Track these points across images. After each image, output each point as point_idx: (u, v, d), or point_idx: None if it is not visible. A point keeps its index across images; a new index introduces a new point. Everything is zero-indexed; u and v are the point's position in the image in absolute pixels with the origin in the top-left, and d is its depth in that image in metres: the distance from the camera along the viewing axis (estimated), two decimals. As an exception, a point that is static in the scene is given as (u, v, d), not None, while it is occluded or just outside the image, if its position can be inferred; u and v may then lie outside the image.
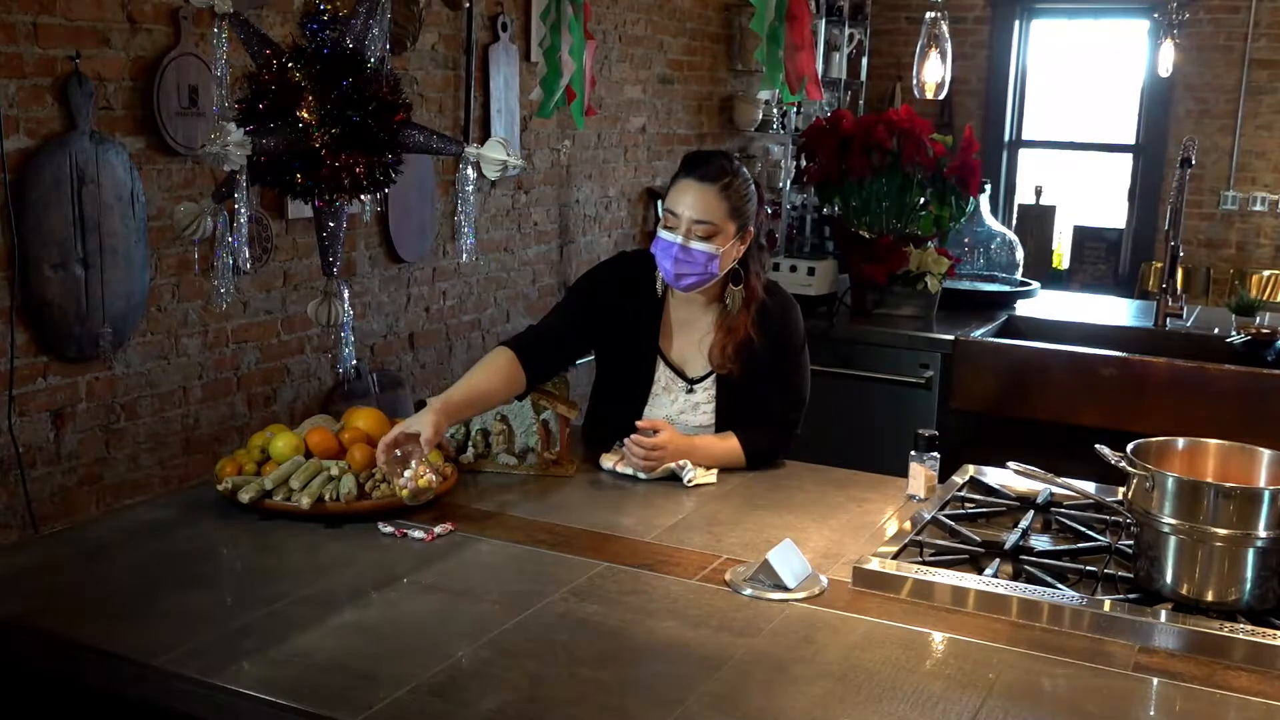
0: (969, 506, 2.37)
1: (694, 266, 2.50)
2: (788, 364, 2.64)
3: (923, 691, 1.64)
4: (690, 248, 2.48)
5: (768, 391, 2.62)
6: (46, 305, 3.04)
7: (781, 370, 2.63)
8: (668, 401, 2.63)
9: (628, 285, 2.65)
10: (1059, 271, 7.72)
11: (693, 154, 2.61)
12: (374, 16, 2.36)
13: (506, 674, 1.65)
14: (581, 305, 2.66)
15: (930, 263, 4.20)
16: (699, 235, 2.47)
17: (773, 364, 2.61)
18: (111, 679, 1.71)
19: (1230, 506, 1.86)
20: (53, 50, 3.04)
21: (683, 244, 2.48)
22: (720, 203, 2.48)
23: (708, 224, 2.47)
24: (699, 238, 2.48)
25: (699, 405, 2.62)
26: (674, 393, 2.63)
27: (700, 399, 2.63)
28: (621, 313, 2.63)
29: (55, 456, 3.15)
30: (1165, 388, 3.67)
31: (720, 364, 2.58)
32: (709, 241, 2.48)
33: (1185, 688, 1.68)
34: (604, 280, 2.69)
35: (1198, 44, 7.20)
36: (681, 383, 2.63)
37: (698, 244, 2.48)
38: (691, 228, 2.47)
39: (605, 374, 2.73)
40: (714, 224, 2.48)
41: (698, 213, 2.47)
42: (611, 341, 2.67)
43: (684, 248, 2.48)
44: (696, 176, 2.50)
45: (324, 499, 2.20)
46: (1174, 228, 4.06)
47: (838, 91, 7.56)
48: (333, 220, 2.43)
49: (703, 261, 2.49)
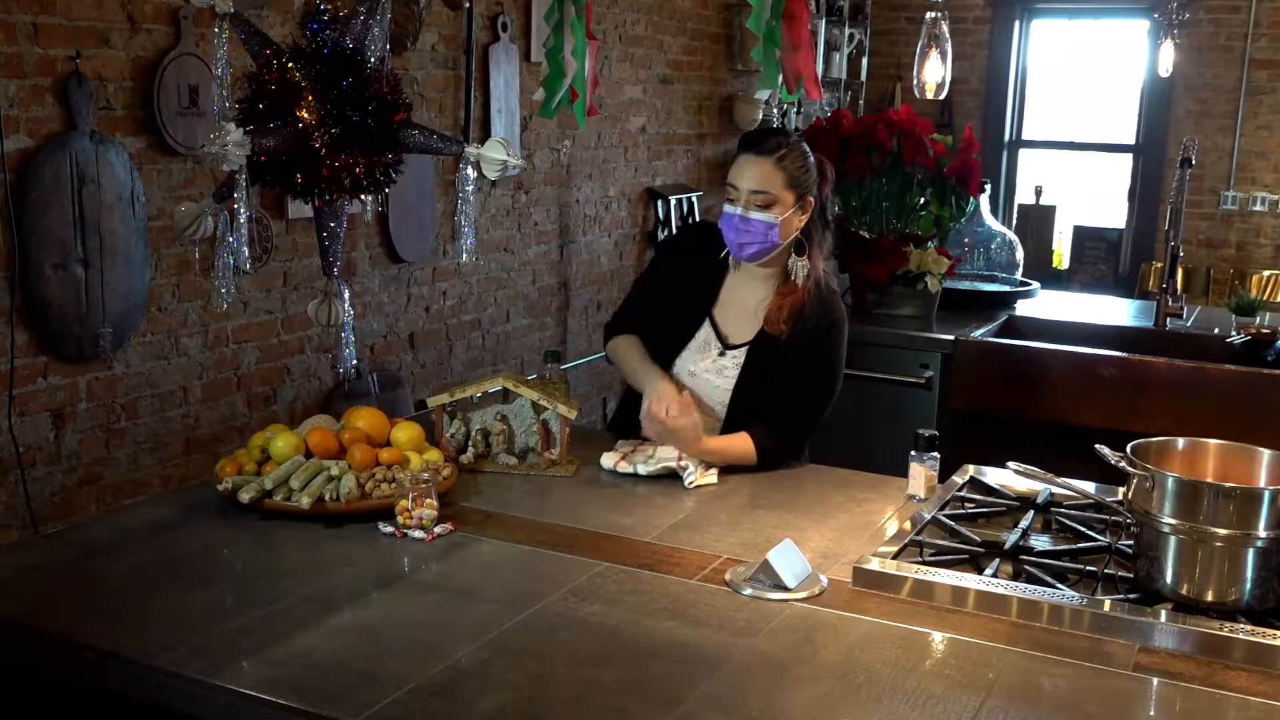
0: (969, 506, 2.37)
1: (754, 236, 2.63)
2: (819, 365, 2.68)
3: (923, 691, 1.64)
4: (750, 217, 2.62)
5: (791, 387, 2.65)
6: (47, 305, 3.04)
7: (811, 368, 2.67)
8: (699, 356, 2.73)
9: (695, 251, 2.81)
10: (1059, 271, 7.72)
11: (750, 131, 2.88)
12: (374, 16, 2.36)
13: (506, 674, 1.66)
14: (656, 274, 2.94)
15: (930, 263, 4.20)
16: (757, 205, 2.62)
17: (806, 354, 2.67)
18: (112, 679, 1.71)
19: (1230, 506, 1.86)
20: (53, 50, 3.04)
21: (742, 214, 2.62)
22: (777, 173, 2.62)
23: (765, 194, 2.61)
24: (757, 207, 2.62)
25: (724, 369, 2.71)
26: (708, 352, 2.73)
27: (728, 364, 2.71)
28: (686, 274, 2.80)
29: (55, 456, 3.15)
30: (1165, 388, 3.67)
31: (774, 324, 2.68)
32: (767, 211, 2.62)
33: (1185, 688, 1.68)
34: (676, 247, 3.00)
35: (1198, 44, 7.20)
36: (718, 345, 2.73)
37: (756, 214, 2.62)
38: (750, 198, 2.62)
39: (653, 324, 2.80)
40: (771, 193, 2.61)
41: (755, 183, 2.62)
42: (672, 296, 2.81)
43: (743, 218, 2.62)
44: (753, 151, 2.65)
45: (324, 499, 2.20)
46: (1174, 228, 4.06)
47: (838, 91, 7.55)
48: (333, 220, 2.43)
49: (762, 230, 2.62)
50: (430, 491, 2.19)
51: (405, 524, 2.16)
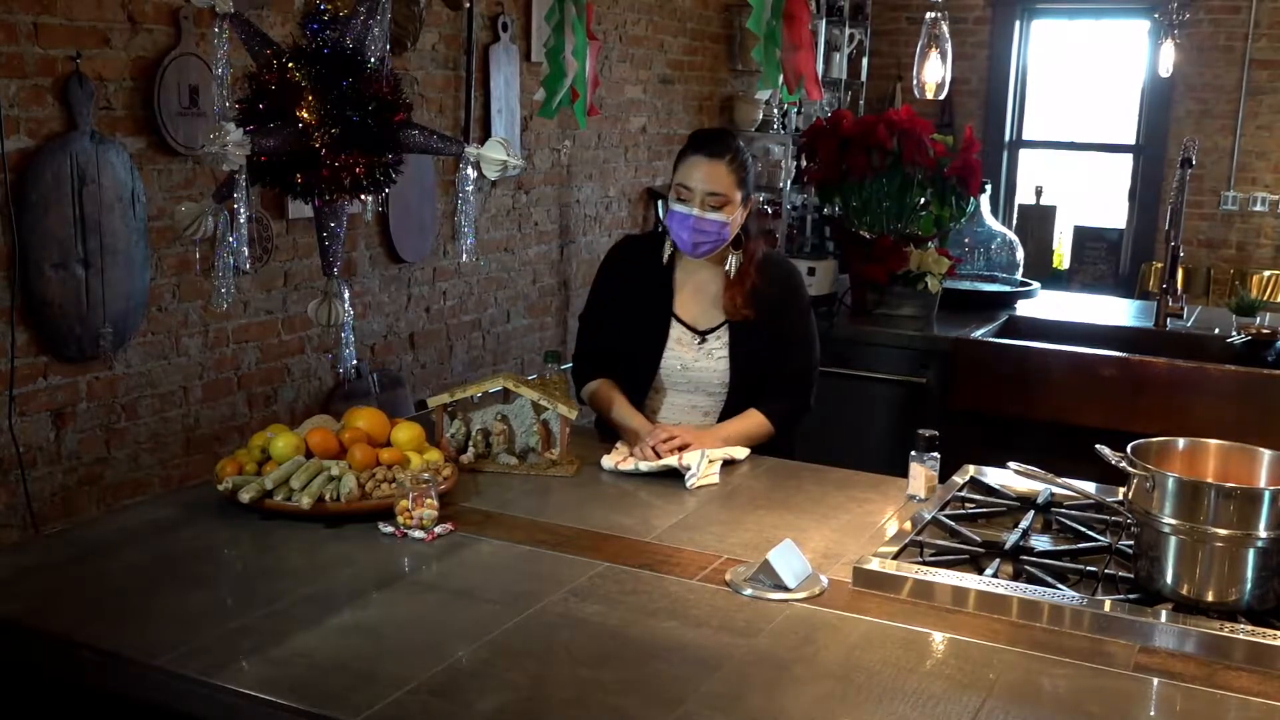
0: (969, 507, 2.37)
1: (708, 235, 2.72)
2: (796, 318, 2.84)
3: (923, 692, 1.64)
4: (705, 218, 2.70)
5: (781, 350, 2.80)
6: (47, 305, 3.04)
7: (791, 323, 2.83)
8: (681, 352, 2.82)
9: (636, 262, 2.90)
10: (1059, 272, 7.72)
11: (699, 132, 2.88)
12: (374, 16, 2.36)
13: (506, 674, 1.66)
14: (604, 302, 2.93)
15: (930, 263, 4.19)
16: (711, 206, 2.70)
17: (784, 314, 2.81)
18: (112, 679, 1.71)
19: (1230, 507, 1.86)
20: (53, 50, 3.04)
21: (698, 215, 2.70)
22: (729, 175, 2.71)
23: (719, 195, 2.69)
24: (712, 208, 2.70)
25: (712, 352, 2.81)
26: (686, 345, 2.82)
27: (713, 346, 2.81)
28: (635, 286, 2.87)
29: (56, 456, 3.15)
30: (1165, 388, 3.67)
31: (733, 312, 2.79)
32: (720, 211, 2.70)
33: (1185, 688, 1.68)
34: (613, 268, 2.95)
35: (1198, 44, 7.20)
36: (692, 335, 2.82)
37: (711, 214, 2.70)
38: (705, 199, 2.69)
39: (620, 335, 2.87)
40: (724, 195, 2.70)
41: (710, 185, 2.69)
42: (625, 308, 2.87)
43: (699, 218, 2.70)
44: (705, 153, 2.72)
45: (324, 499, 2.20)
46: (1174, 228, 4.06)
47: (838, 91, 7.55)
48: (333, 220, 2.43)
49: (716, 230, 2.71)
50: (430, 491, 2.18)
51: (405, 524, 2.16)
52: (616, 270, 2.93)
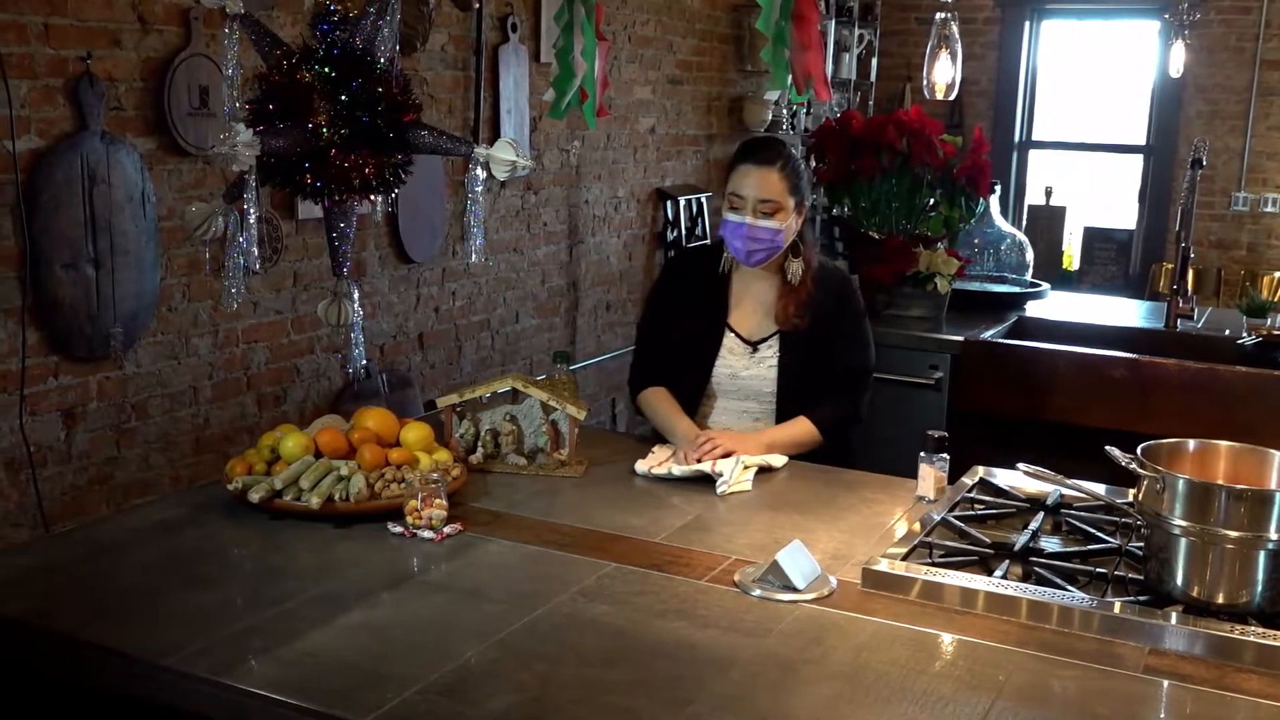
0: (978, 508, 2.37)
1: (762, 243, 2.74)
2: (850, 325, 2.86)
3: (932, 693, 1.64)
4: (758, 225, 2.72)
5: (833, 355, 2.81)
6: (57, 305, 3.05)
7: (845, 331, 2.84)
8: (732, 360, 2.84)
9: (692, 275, 2.93)
10: (1069, 272, 7.70)
11: (749, 140, 2.93)
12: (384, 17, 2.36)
13: (515, 674, 1.66)
14: (660, 315, 2.96)
15: (940, 264, 4.19)
16: (764, 213, 2.72)
17: (836, 323, 2.82)
18: (121, 678, 1.72)
19: (1241, 509, 1.85)
20: (64, 51, 3.05)
21: (751, 223, 2.72)
22: (781, 182, 2.73)
23: (771, 202, 2.72)
24: (764, 215, 2.72)
25: (764, 360, 2.82)
26: (738, 355, 2.84)
27: (764, 355, 2.83)
28: (691, 299, 2.90)
29: (66, 456, 3.15)
30: (1176, 389, 3.66)
31: (785, 321, 2.80)
32: (773, 218, 2.72)
33: (1195, 690, 1.68)
34: (669, 282, 3.01)
35: (1208, 45, 7.18)
36: (744, 346, 2.83)
37: (764, 221, 2.72)
38: (757, 207, 2.72)
39: (675, 346, 2.89)
40: (776, 201, 2.72)
41: (762, 193, 2.72)
42: (684, 322, 2.89)
43: (752, 226, 2.72)
44: (756, 160, 2.75)
45: (333, 499, 2.20)
46: (1185, 229, 4.05)
47: (847, 92, 7.54)
48: (342, 221, 2.43)
49: (769, 237, 2.73)
50: (439, 492, 2.19)
51: (414, 524, 2.16)
52: (673, 284, 2.98)
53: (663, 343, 2.91)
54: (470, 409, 2.58)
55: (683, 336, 2.87)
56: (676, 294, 2.94)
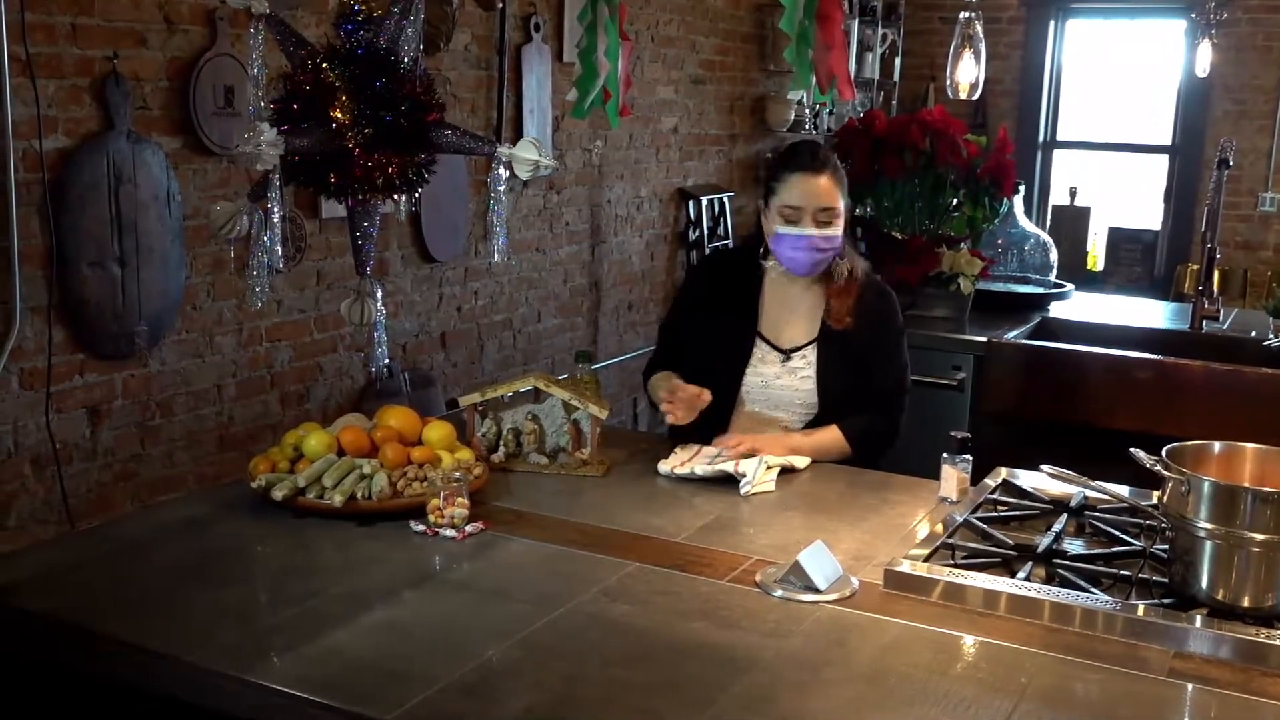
0: (1001, 509, 2.36)
1: (827, 253, 2.70)
2: (893, 341, 2.80)
3: (955, 695, 1.63)
4: (822, 235, 2.66)
5: (870, 371, 2.74)
6: (83, 303, 3.07)
7: (886, 346, 2.79)
8: (763, 369, 2.77)
9: (723, 278, 2.87)
10: (1093, 273, 7.65)
11: (791, 147, 2.81)
12: (407, 17, 2.37)
13: (537, 673, 1.66)
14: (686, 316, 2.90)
15: (963, 264, 4.17)
16: (823, 222, 2.66)
17: (877, 337, 2.76)
18: (145, 674, 1.73)
19: (1267, 511, 1.84)
20: (91, 51, 3.07)
21: (815, 234, 2.66)
22: (834, 187, 2.68)
23: (830, 209, 2.67)
24: (823, 223, 2.66)
25: (797, 371, 2.76)
26: (770, 363, 2.77)
27: (799, 365, 2.76)
28: (721, 302, 2.83)
29: (91, 453, 3.18)
30: (1201, 391, 3.64)
31: (840, 319, 2.73)
32: (832, 225, 2.68)
33: (1220, 694, 1.67)
34: (698, 283, 2.96)
35: (1235, 44, 7.12)
36: (777, 354, 2.77)
37: (826, 230, 2.67)
38: (817, 216, 2.65)
39: (703, 349, 2.83)
40: (835, 208, 2.67)
41: (821, 200, 2.66)
42: (713, 327, 2.83)
43: (816, 237, 2.66)
44: (809, 169, 2.67)
45: (356, 497, 2.21)
46: (1211, 229, 4.02)
47: (871, 92, 7.52)
48: (366, 220, 2.44)
49: (832, 245, 2.69)
50: (462, 490, 2.19)
51: (437, 522, 2.17)
52: (700, 287, 2.92)
53: (684, 344, 2.86)
54: (492, 408, 2.58)
55: (711, 343, 2.81)
56: (704, 298, 2.88)
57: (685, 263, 5.96)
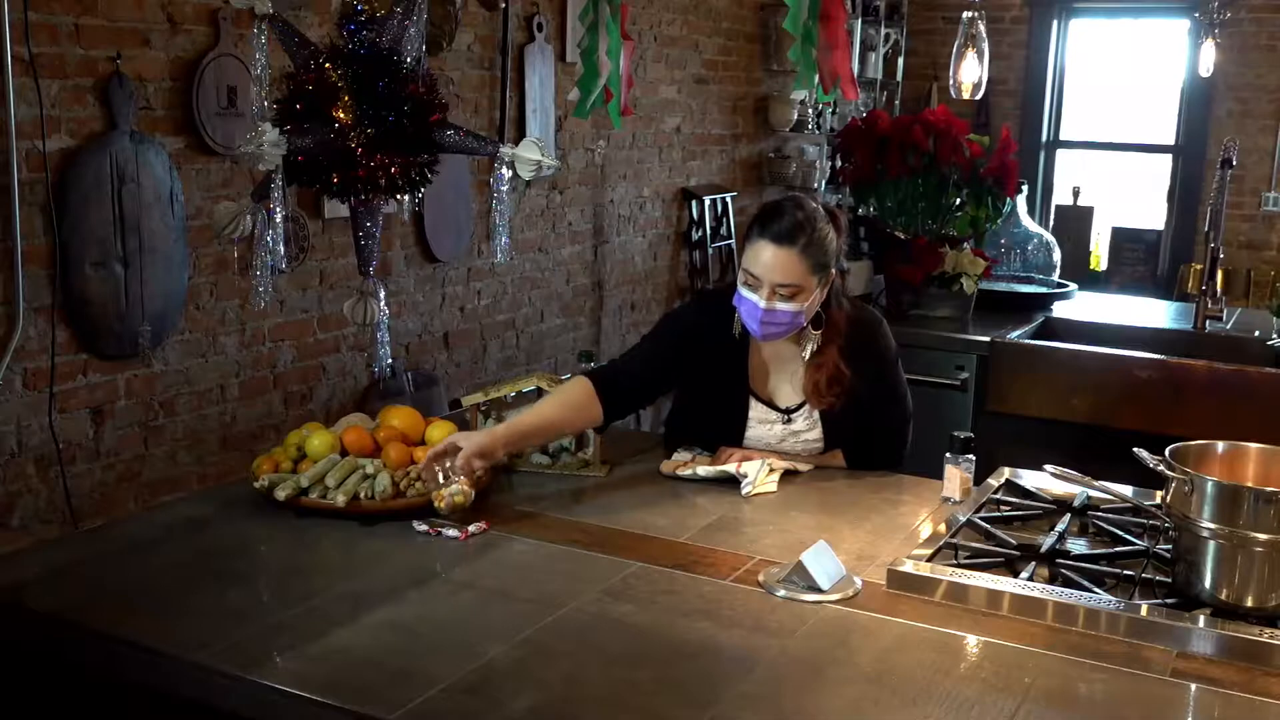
0: (1004, 509, 2.35)
1: (779, 326, 2.45)
2: (887, 380, 2.63)
3: (957, 695, 1.63)
4: (775, 308, 2.41)
5: (873, 413, 2.61)
6: (87, 303, 3.07)
7: (883, 388, 2.61)
8: (765, 432, 2.61)
9: (712, 327, 2.59)
10: (1097, 273, 7.65)
11: (767, 207, 2.48)
12: (410, 17, 2.37)
13: (540, 673, 1.66)
14: (667, 348, 2.62)
15: (966, 264, 4.17)
16: (782, 296, 2.40)
17: (873, 384, 2.58)
18: (148, 674, 1.73)
19: (1271, 511, 1.83)
20: (94, 51, 3.07)
21: (766, 306, 2.41)
22: (800, 263, 2.39)
23: (790, 286, 2.40)
24: (783, 298, 2.41)
25: (800, 433, 2.60)
26: (770, 424, 2.60)
27: (800, 426, 2.60)
28: (708, 355, 2.59)
29: (95, 453, 3.18)
30: (1205, 391, 3.63)
31: (816, 401, 2.54)
32: (793, 301, 2.41)
33: (1224, 694, 1.67)
34: (688, 324, 2.65)
35: (1239, 44, 7.12)
36: (775, 414, 2.60)
37: (782, 304, 2.41)
38: (774, 289, 2.40)
39: (693, 409, 2.69)
40: (797, 285, 2.40)
41: (779, 276, 2.39)
42: (699, 381, 2.63)
43: (768, 309, 2.41)
44: (771, 238, 2.40)
45: (359, 497, 2.21)
46: (1214, 229, 4.02)
47: (874, 92, 7.52)
48: (369, 220, 2.44)
49: (789, 319, 2.43)
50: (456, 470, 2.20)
51: (438, 503, 2.17)
52: (684, 338, 2.61)
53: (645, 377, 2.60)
54: (495, 408, 2.58)
55: (705, 402, 2.64)
56: (687, 351, 2.60)
57: (688, 263, 5.97)
